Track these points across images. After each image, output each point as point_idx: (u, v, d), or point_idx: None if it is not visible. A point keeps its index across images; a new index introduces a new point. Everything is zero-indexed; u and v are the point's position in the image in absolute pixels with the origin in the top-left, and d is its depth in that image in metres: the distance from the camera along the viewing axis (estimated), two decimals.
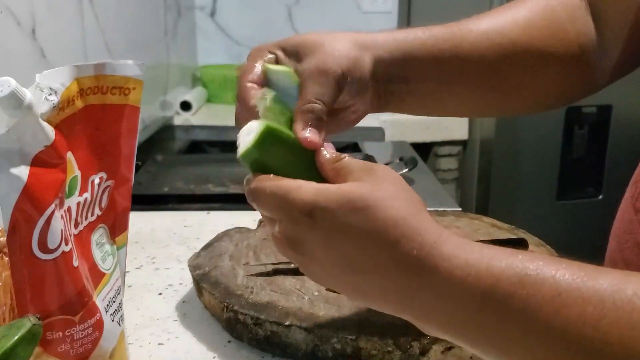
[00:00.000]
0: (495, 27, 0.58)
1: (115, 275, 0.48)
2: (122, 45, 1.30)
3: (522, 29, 0.57)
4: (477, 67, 0.57)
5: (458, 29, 0.57)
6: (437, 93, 0.58)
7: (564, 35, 0.58)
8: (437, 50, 0.56)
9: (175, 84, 1.82)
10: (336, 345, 0.54)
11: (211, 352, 0.58)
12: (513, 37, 0.57)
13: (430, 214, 0.43)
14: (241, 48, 2.18)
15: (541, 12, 0.58)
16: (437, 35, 0.56)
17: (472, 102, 0.61)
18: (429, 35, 0.56)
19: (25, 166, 0.38)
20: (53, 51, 0.95)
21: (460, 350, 0.53)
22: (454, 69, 0.57)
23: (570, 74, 0.59)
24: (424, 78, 0.56)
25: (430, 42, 0.56)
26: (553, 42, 0.57)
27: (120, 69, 0.45)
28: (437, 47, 0.56)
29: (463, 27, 0.58)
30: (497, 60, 0.57)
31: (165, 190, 1.14)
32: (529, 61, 0.57)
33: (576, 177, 1.69)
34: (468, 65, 0.57)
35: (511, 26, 0.58)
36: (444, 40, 0.56)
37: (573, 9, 0.59)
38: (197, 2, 2.12)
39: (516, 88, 0.59)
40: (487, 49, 0.57)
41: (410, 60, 0.55)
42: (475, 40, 0.57)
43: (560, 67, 0.58)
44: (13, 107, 0.37)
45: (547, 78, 0.59)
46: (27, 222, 0.38)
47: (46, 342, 0.41)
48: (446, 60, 0.56)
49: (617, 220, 0.53)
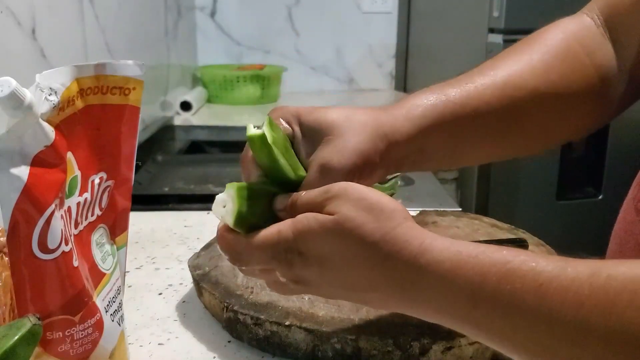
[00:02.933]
0: (512, 79, 0.56)
1: (115, 275, 0.48)
2: (123, 46, 1.30)
3: (540, 75, 0.56)
4: (496, 122, 0.56)
5: (474, 88, 0.56)
6: (454, 154, 0.58)
7: (583, 71, 0.57)
8: (453, 118, 0.55)
9: (176, 84, 1.82)
10: (336, 345, 0.54)
11: (211, 352, 0.58)
12: (531, 86, 0.56)
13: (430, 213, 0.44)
14: (241, 48, 2.18)
15: (557, 51, 0.57)
16: (453, 100, 0.55)
17: (492, 153, 0.62)
18: (446, 101, 0.55)
19: (25, 166, 0.38)
20: (53, 51, 0.95)
21: (460, 350, 0.53)
22: (471, 131, 0.56)
23: (593, 106, 0.59)
24: (441, 146, 0.56)
25: (447, 111, 0.54)
26: (573, 81, 0.57)
27: (120, 69, 0.45)
28: (454, 115, 0.55)
29: (479, 84, 0.56)
30: (516, 113, 0.56)
31: (165, 190, 1.14)
32: (549, 106, 0.57)
33: (576, 177, 1.69)
34: (486, 124, 0.56)
35: (528, 74, 0.56)
36: (461, 105, 0.55)
37: (590, 40, 0.58)
38: (197, 2, 2.12)
39: (538, 132, 0.59)
40: (505, 105, 0.56)
41: (428, 134, 0.54)
42: (492, 98, 0.55)
43: (582, 102, 0.58)
44: (13, 107, 0.37)
45: (570, 116, 0.59)
46: (27, 222, 0.38)
47: (46, 342, 0.41)
48: (463, 125, 0.55)
49: (618, 221, 0.53)
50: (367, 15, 2.20)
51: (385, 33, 2.22)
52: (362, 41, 2.22)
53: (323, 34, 2.19)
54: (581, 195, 1.68)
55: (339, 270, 0.43)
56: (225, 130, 1.67)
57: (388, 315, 0.55)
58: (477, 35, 1.64)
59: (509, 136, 0.58)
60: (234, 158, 1.48)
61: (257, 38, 2.18)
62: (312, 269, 0.44)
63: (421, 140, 0.54)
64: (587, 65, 0.57)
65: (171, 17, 1.77)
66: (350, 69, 2.24)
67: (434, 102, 0.55)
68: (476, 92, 0.55)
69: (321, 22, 2.18)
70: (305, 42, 2.19)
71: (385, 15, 2.21)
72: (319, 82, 2.22)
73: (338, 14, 2.19)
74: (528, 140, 0.60)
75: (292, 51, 2.19)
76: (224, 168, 1.30)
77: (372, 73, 2.26)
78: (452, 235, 0.78)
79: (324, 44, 2.20)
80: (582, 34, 0.58)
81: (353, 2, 2.18)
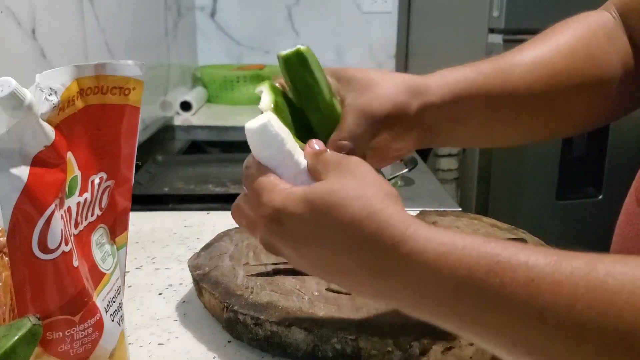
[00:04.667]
0: (540, 59, 0.58)
1: (115, 275, 0.48)
2: (123, 46, 1.30)
3: (565, 57, 0.58)
4: (526, 99, 0.58)
5: (505, 64, 0.58)
6: (486, 127, 0.59)
7: (606, 57, 0.58)
8: (486, 89, 0.56)
9: (176, 84, 1.82)
10: (336, 345, 0.54)
11: (211, 352, 0.58)
12: (558, 67, 0.57)
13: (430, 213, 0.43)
14: (241, 48, 2.18)
15: (582, 37, 0.59)
16: (485, 72, 0.57)
17: (522, 132, 0.62)
18: (478, 73, 0.57)
19: (25, 166, 0.38)
20: (53, 51, 0.95)
21: (460, 351, 0.53)
22: (503, 104, 0.57)
23: (617, 93, 0.59)
24: (474, 115, 0.57)
25: (479, 81, 0.56)
26: (597, 66, 0.58)
27: (120, 69, 0.45)
28: (487, 85, 0.56)
29: (509, 61, 0.58)
30: (545, 91, 0.57)
31: (165, 190, 1.14)
32: (576, 88, 0.58)
33: (576, 177, 1.69)
34: (517, 99, 0.57)
35: (555, 56, 0.58)
36: (493, 77, 0.57)
37: (611, 29, 0.60)
38: (197, 2, 2.12)
39: (566, 114, 0.60)
40: (534, 81, 0.57)
41: (461, 101, 0.56)
42: (522, 74, 0.57)
43: (607, 88, 0.59)
44: (13, 107, 0.37)
45: (595, 100, 0.60)
46: (27, 222, 0.38)
47: (46, 342, 0.41)
48: (495, 96, 0.57)
49: (621, 213, 0.54)
50: (367, 15, 2.20)
51: (385, 33, 2.22)
52: (362, 41, 2.22)
53: (323, 34, 2.19)
54: (581, 196, 1.68)
55: (313, 250, 0.42)
56: (225, 130, 1.67)
57: (388, 316, 0.55)
58: (477, 35, 1.64)
59: (539, 114, 0.59)
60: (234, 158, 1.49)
61: (257, 38, 2.18)
62: (287, 240, 0.43)
63: (455, 108, 0.56)
64: (611, 52, 0.58)
65: (171, 17, 1.77)
66: None
67: (467, 73, 0.56)
68: (508, 68, 0.57)
69: (321, 22, 2.19)
70: (305, 42, 2.17)
71: (385, 15, 2.21)
72: None
73: (338, 14, 2.19)
74: (556, 121, 0.60)
75: None
76: (224, 168, 1.30)
77: None
78: None
79: (324, 44, 2.20)
80: (604, 23, 0.60)
81: (353, 2, 2.18)
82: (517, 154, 1.62)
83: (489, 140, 0.63)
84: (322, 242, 0.41)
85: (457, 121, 0.57)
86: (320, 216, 0.41)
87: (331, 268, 0.42)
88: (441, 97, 0.55)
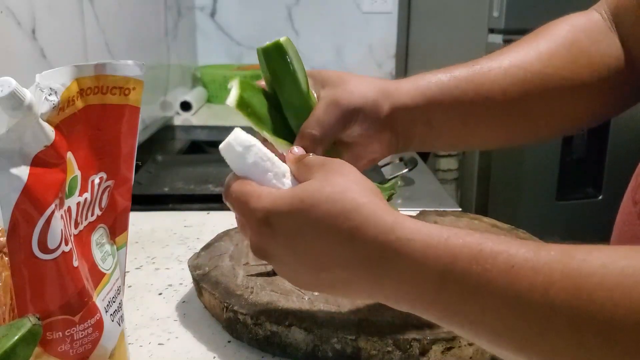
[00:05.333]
0: (517, 62, 0.58)
1: (115, 275, 0.48)
2: (123, 46, 1.30)
3: (544, 60, 0.58)
4: (501, 104, 0.58)
5: (480, 68, 0.58)
6: (461, 132, 0.60)
7: (587, 60, 0.58)
8: (459, 92, 0.57)
9: (176, 84, 1.82)
10: (336, 345, 0.54)
11: (211, 352, 0.58)
12: (535, 70, 0.57)
13: (430, 213, 0.44)
14: (241, 48, 2.19)
15: (563, 40, 0.59)
16: (459, 77, 0.58)
17: (498, 136, 0.62)
18: (451, 77, 0.58)
19: (25, 166, 0.38)
20: (53, 51, 0.95)
21: (460, 351, 0.53)
22: (478, 109, 0.58)
23: (599, 95, 0.59)
24: (447, 119, 0.58)
25: (452, 85, 0.57)
26: (578, 68, 0.58)
27: (120, 69, 0.45)
28: (460, 89, 0.57)
29: (485, 66, 0.58)
30: (521, 94, 0.57)
31: (165, 190, 1.14)
32: (555, 91, 0.58)
33: (576, 177, 1.69)
34: (491, 103, 0.58)
35: (533, 59, 0.58)
36: (467, 81, 0.57)
37: (596, 32, 0.59)
38: (197, 2, 2.12)
39: (544, 117, 0.60)
40: (510, 84, 0.57)
41: (433, 105, 0.57)
42: (497, 77, 0.57)
43: (587, 90, 0.58)
44: (13, 107, 0.37)
45: (575, 103, 0.59)
46: (27, 222, 0.38)
47: (46, 342, 0.41)
48: (469, 101, 0.57)
49: (618, 213, 0.54)
50: (367, 15, 2.20)
51: (385, 33, 2.22)
52: (362, 41, 2.22)
53: (323, 34, 2.19)
54: (581, 196, 1.68)
55: (305, 245, 0.42)
56: (225, 130, 1.66)
57: (388, 316, 0.55)
58: (477, 35, 1.64)
59: (515, 119, 0.59)
60: None
61: (257, 38, 2.18)
62: (278, 241, 0.44)
63: (427, 111, 0.57)
64: (592, 55, 0.58)
65: (171, 17, 1.77)
66: (350, 69, 2.24)
67: (441, 77, 0.57)
68: (482, 72, 0.58)
69: (321, 22, 2.19)
70: (305, 42, 2.19)
71: (385, 15, 2.21)
72: None
73: (338, 14, 2.19)
74: (534, 125, 0.60)
75: None
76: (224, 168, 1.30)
77: (372, 73, 2.25)
78: None
79: (324, 44, 2.20)
80: (589, 26, 0.59)
81: (353, 2, 2.18)
82: (517, 154, 1.62)
83: (464, 144, 0.64)
84: (312, 236, 0.42)
85: (430, 125, 0.58)
86: (309, 210, 0.41)
87: (320, 264, 0.42)
88: (413, 100, 0.56)
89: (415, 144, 0.60)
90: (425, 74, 0.58)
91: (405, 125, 0.57)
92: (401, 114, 0.56)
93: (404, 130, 0.58)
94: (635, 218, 0.50)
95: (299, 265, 0.44)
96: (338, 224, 0.40)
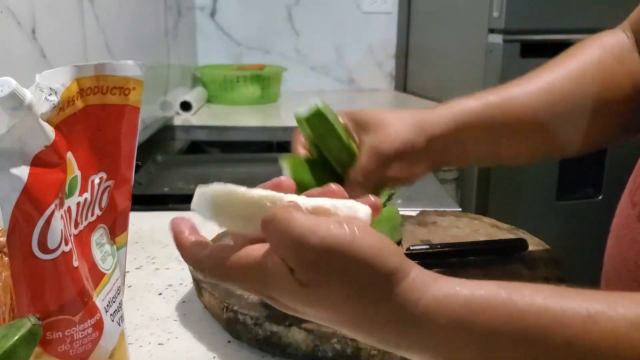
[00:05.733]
0: (547, 83, 0.62)
1: (115, 275, 0.48)
2: (123, 46, 1.30)
3: (573, 79, 0.61)
4: (532, 125, 0.62)
5: (509, 93, 0.62)
6: (492, 152, 0.64)
7: (615, 78, 0.61)
8: (489, 118, 0.61)
9: (176, 84, 1.82)
10: (336, 345, 0.54)
11: (211, 352, 0.58)
12: (565, 88, 0.61)
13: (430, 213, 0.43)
14: (241, 48, 2.18)
15: (591, 59, 0.62)
16: (490, 103, 0.62)
17: (529, 154, 0.66)
18: (481, 103, 0.62)
19: (25, 166, 0.38)
20: (53, 51, 0.95)
21: None
22: (509, 131, 0.62)
23: (629, 111, 0.61)
24: (478, 142, 0.62)
25: (482, 110, 0.62)
26: (606, 87, 0.61)
27: (120, 69, 0.45)
28: (489, 113, 0.61)
29: (514, 90, 0.63)
30: (551, 114, 0.61)
31: (165, 190, 1.14)
32: (583, 110, 0.61)
33: (576, 177, 1.69)
34: (522, 126, 0.62)
35: (562, 79, 0.62)
36: (495, 105, 0.62)
37: (622, 50, 0.62)
38: (197, 2, 2.12)
39: (574, 135, 0.63)
40: (540, 106, 0.61)
41: (465, 131, 0.61)
42: (525, 100, 0.61)
43: (616, 108, 0.61)
44: (13, 107, 0.37)
45: (604, 121, 0.62)
46: (27, 222, 0.38)
47: (46, 342, 0.41)
48: (500, 125, 0.61)
49: (616, 215, 0.54)
50: (367, 15, 2.20)
51: (385, 33, 2.22)
52: (362, 41, 2.22)
53: (323, 34, 2.19)
54: (581, 196, 1.68)
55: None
56: (225, 130, 1.67)
57: None
58: (477, 35, 1.64)
59: (545, 138, 0.62)
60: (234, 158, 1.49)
61: (257, 38, 2.18)
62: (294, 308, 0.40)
63: (460, 136, 0.61)
64: (620, 75, 0.61)
65: (171, 17, 1.77)
66: (350, 69, 2.24)
67: (472, 103, 0.62)
68: (510, 95, 0.62)
69: (321, 22, 2.18)
70: (305, 42, 2.19)
71: (386, 15, 2.21)
72: (319, 82, 2.22)
73: (338, 14, 2.19)
74: (566, 142, 0.63)
75: (292, 51, 2.19)
76: (224, 168, 1.30)
77: (372, 73, 2.26)
78: (453, 236, 0.78)
79: (324, 44, 2.20)
80: (617, 45, 0.63)
81: (353, 2, 2.18)
82: None
83: (496, 162, 0.68)
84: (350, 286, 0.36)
85: (463, 148, 0.62)
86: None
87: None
88: (447, 129, 0.60)
89: (450, 164, 0.65)
90: (459, 101, 0.62)
91: (439, 150, 0.61)
92: (435, 143, 0.60)
93: (438, 155, 0.62)
94: (634, 221, 0.50)
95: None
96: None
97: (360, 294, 0.36)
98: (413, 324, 0.36)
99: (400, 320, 0.36)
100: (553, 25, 1.51)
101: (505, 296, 0.35)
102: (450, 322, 0.35)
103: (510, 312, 0.35)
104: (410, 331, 0.36)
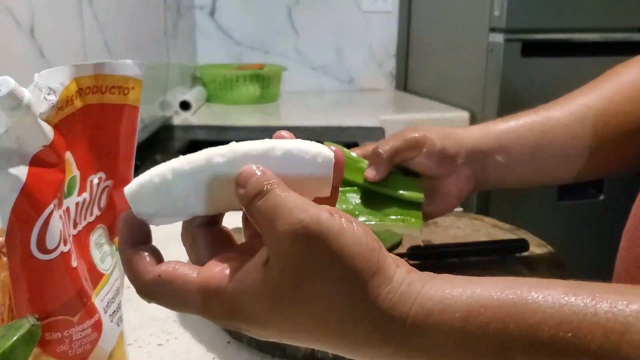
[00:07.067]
0: (584, 102, 0.64)
1: (114, 275, 0.48)
2: (122, 45, 1.30)
3: (604, 98, 0.63)
4: (572, 142, 0.64)
5: (547, 111, 0.65)
6: (533, 172, 0.67)
7: None
8: (529, 140, 0.65)
9: (175, 84, 1.82)
10: None
11: (211, 353, 0.57)
12: (600, 106, 0.63)
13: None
14: (241, 47, 2.18)
15: (627, 79, 0.64)
16: (526, 125, 0.65)
17: (569, 174, 0.67)
18: (518, 124, 0.65)
19: (23, 166, 0.38)
20: (52, 51, 0.95)
21: None
22: (550, 148, 0.64)
23: None
24: (518, 162, 0.65)
25: (518, 127, 0.65)
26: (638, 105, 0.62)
27: (119, 69, 0.45)
28: (526, 128, 0.65)
29: (552, 108, 0.66)
30: (587, 133, 0.63)
31: None
32: (619, 126, 0.62)
33: None
34: (562, 146, 0.64)
35: (596, 98, 0.64)
36: (534, 127, 0.65)
37: None
38: (197, 1, 2.12)
39: (616, 157, 0.65)
40: (576, 126, 0.63)
41: (504, 149, 0.65)
42: (567, 121, 0.64)
43: None
44: (11, 107, 0.37)
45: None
46: (26, 222, 0.38)
47: (45, 343, 0.41)
48: (540, 146, 0.64)
49: (630, 217, 0.54)
50: (368, 14, 2.20)
51: (386, 32, 2.22)
52: (362, 41, 2.22)
53: (323, 34, 2.19)
54: (582, 196, 1.68)
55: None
56: (224, 130, 1.67)
57: None
58: (478, 34, 1.64)
59: (585, 156, 0.64)
60: None
61: (257, 38, 2.18)
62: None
63: (500, 154, 0.64)
64: None
65: (170, 16, 1.77)
66: (351, 68, 2.24)
67: (510, 124, 0.65)
68: (548, 117, 0.65)
69: (321, 22, 2.18)
70: (305, 42, 2.19)
71: (386, 14, 2.21)
72: (319, 82, 2.22)
73: (338, 14, 2.18)
74: (607, 164, 0.65)
75: (292, 51, 2.19)
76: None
77: (373, 73, 2.25)
78: (453, 236, 0.78)
79: (324, 43, 2.20)
80: None
81: (353, 2, 2.18)
82: None
83: (536, 182, 0.70)
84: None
85: (502, 167, 0.65)
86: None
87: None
88: (486, 145, 0.64)
89: (492, 183, 0.67)
90: (496, 122, 0.66)
91: (481, 166, 0.65)
92: (476, 157, 0.64)
93: (481, 172, 0.65)
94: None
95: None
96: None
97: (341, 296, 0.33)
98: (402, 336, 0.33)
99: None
100: (554, 25, 1.51)
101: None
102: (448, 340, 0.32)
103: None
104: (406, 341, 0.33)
